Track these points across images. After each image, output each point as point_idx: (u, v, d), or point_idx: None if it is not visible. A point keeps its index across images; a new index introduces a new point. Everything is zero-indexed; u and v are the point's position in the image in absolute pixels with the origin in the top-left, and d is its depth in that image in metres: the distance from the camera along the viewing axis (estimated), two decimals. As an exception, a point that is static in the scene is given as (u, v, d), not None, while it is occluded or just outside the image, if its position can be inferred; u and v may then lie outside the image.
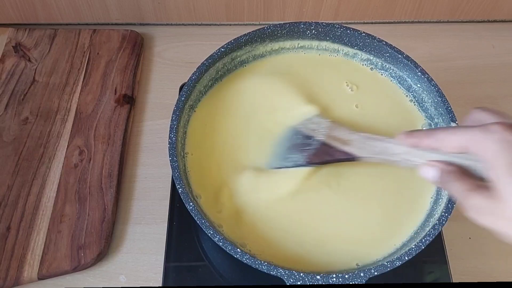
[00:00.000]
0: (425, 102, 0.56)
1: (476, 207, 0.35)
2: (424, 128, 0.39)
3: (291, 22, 0.58)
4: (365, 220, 0.50)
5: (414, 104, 0.57)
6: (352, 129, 0.49)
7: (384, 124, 0.56)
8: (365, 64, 0.60)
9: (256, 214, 0.50)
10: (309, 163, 0.49)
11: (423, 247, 0.44)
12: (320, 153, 0.49)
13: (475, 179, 0.36)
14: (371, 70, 0.60)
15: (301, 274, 0.43)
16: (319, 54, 0.61)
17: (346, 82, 0.59)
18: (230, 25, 0.79)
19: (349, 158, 0.47)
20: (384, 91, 0.59)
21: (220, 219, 0.50)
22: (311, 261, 0.48)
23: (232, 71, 0.59)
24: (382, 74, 0.59)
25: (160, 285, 0.55)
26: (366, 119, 0.56)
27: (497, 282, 0.33)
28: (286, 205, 0.51)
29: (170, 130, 0.50)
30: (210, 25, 0.79)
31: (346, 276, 0.43)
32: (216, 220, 0.49)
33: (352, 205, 0.51)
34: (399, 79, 0.58)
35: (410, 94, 0.58)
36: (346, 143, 0.48)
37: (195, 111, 0.56)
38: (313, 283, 0.43)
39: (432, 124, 0.55)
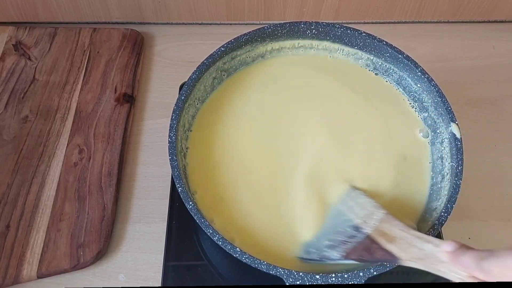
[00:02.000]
0: (425, 102, 0.56)
1: None
2: (474, 249, 0.34)
3: (292, 22, 0.58)
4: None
5: (414, 108, 0.58)
6: (405, 225, 0.43)
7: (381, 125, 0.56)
8: (365, 66, 0.60)
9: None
10: (344, 258, 0.43)
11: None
12: (360, 248, 0.43)
13: None
14: (371, 73, 0.60)
15: (300, 274, 0.43)
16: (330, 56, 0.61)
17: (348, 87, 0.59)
18: (231, 24, 0.79)
19: (389, 260, 0.41)
20: (384, 95, 0.59)
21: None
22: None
23: (234, 72, 0.59)
24: (384, 79, 0.60)
25: (160, 284, 0.55)
26: (363, 121, 0.56)
27: (497, 282, 0.32)
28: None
29: (170, 129, 0.50)
30: (210, 24, 0.79)
31: (346, 275, 0.43)
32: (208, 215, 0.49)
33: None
34: (399, 79, 0.58)
35: (409, 95, 0.58)
36: (392, 240, 0.41)
37: (196, 110, 0.56)
38: (312, 283, 0.43)
39: (430, 122, 0.55)
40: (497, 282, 0.30)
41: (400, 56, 0.56)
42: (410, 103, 0.58)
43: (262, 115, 0.57)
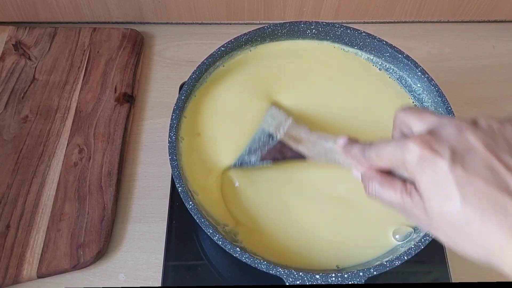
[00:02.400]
0: (425, 102, 0.56)
1: (412, 215, 0.34)
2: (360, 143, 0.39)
3: (292, 22, 0.58)
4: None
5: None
6: (308, 128, 0.50)
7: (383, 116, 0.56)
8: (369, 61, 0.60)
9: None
10: (261, 160, 0.50)
11: (422, 247, 0.44)
12: (274, 151, 0.50)
13: (397, 179, 0.35)
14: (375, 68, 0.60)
15: (300, 274, 0.43)
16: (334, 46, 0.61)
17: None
18: (231, 24, 0.79)
19: (298, 158, 0.48)
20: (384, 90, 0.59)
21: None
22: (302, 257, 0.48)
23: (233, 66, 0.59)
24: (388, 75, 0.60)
25: (160, 284, 0.55)
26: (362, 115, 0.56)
27: (496, 282, 0.33)
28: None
29: (170, 129, 0.50)
30: (210, 24, 0.79)
31: (346, 275, 0.43)
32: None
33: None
34: (399, 79, 0.58)
35: (409, 94, 0.58)
36: (300, 141, 0.49)
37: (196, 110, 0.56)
38: (312, 283, 0.43)
39: None
40: (496, 282, 0.31)
41: (400, 55, 0.56)
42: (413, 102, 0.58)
43: (263, 110, 0.57)
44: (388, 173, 0.36)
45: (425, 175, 0.31)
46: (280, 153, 0.49)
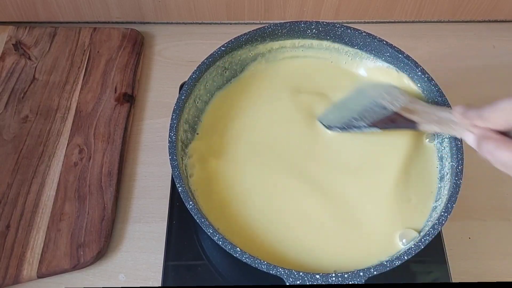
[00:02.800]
0: (425, 102, 0.56)
1: None
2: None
3: (292, 21, 0.58)
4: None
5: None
6: (426, 104, 0.53)
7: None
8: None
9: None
10: (370, 126, 0.51)
11: (422, 247, 0.44)
12: (386, 120, 0.51)
13: None
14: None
15: (301, 274, 0.43)
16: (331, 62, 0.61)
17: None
18: (231, 24, 0.79)
19: (411, 126, 0.50)
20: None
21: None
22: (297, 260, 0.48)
23: (239, 73, 0.60)
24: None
25: (160, 284, 0.55)
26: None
27: (496, 282, 0.33)
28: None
29: (170, 129, 0.50)
30: (210, 24, 0.79)
31: (346, 275, 0.43)
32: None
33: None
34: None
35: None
36: (413, 112, 0.50)
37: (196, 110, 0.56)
38: (312, 283, 0.43)
39: None
40: (496, 282, 0.31)
41: (400, 55, 0.56)
42: None
43: (269, 116, 0.57)
44: (499, 133, 0.39)
45: None
46: (392, 121, 0.51)
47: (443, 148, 0.53)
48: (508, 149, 0.37)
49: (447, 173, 0.51)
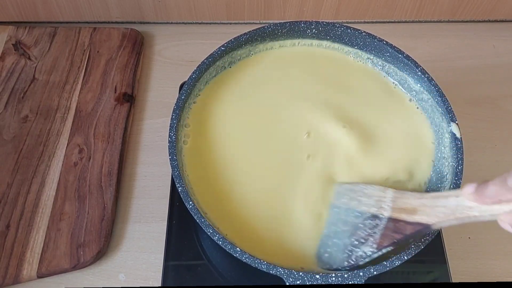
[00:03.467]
0: (425, 101, 0.56)
1: None
2: (488, 181, 0.34)
3: (292, 21, 0.58)
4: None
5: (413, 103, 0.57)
6: (417, 193, 0.43)
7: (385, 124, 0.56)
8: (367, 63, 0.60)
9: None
10: (379, 249, 0.43)
11: (422, 247, 0.44)
12: (388, 232, 0.42)
13: None
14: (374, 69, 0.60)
15: (301, 274, 0.43)
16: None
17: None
18: (231, 24, 0.79)
19: (422, 230, 0.41)
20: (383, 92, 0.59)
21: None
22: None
23: (230, 66, 0.59)
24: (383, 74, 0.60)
25: (160, 284, 0.55)
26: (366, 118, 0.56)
27: (496, 282, 0.33)
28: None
29: (170, 129, 0.50)
30: (210, 23, 0.79)
31: (346, 275, 0.43)
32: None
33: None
34: (399, 79, 0.58)
35: (409, 94, 0.58)
36: (414, 211, 0.41)
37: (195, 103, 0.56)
38: (312, 283, 0.43)
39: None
40: (496, 282, 0.30)
41: (400, 55, 0.56)
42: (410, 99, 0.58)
43: (262, 110, 0.57)
44: None
45: None
46: (396, 232, 0.41)
47: (443, 148, 0.53)
48: None
49: (447, 173, 0.51)
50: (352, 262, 0.44)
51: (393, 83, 0.59)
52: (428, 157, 0.54)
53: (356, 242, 0.44)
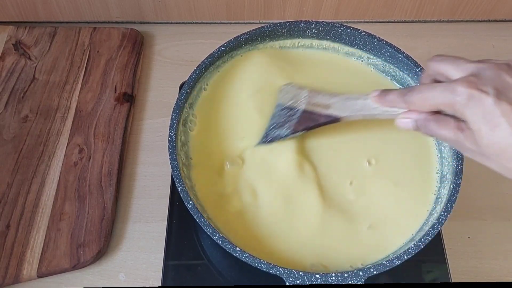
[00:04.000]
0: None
1: (463, 148, 0.39)
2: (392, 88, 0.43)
3: (292, 21, 0.58)
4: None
5: None
6: (330, 93, 0.51)
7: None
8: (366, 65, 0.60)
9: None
10: (293, 132, 0.51)
11: (422, 247, 0.44)
12: (303, 121, 0.50)
13: (451, 118, 0.38)
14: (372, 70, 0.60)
15: (300, 273, 0.43)
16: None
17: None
18: (230, 23, 0.79)
19: (332, 120, 0.49)
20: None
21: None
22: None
23: (231, 59, 0.59)
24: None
25: (160, 283, 0.55)
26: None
27: (496, 282, 0.33)
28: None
29: (170, 129, 0.50)
30: (210, 23, 0.79)
31: (345, 275, 0.43)
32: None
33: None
34: (399, 79, 0.58)
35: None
36: (328, 106, 0.49)
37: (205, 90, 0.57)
38: (312, 283, 0.43)
39: None
40: (496, 282, 0.31)
41: (400, 55, 0.56)
42: None
43: (262, 108, 0.57)
44: (436, 112, 0.39)
45: (475, 111, 0.35)
46: (311, 120, 0.50)
47: (443, 147, 0.53)
48: (446, 126, 0.38)
49: (447, 173, 0.51)
50: (269, 139, 0.52)
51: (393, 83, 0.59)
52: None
53: (275, 125, 0.52)
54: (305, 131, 0.51)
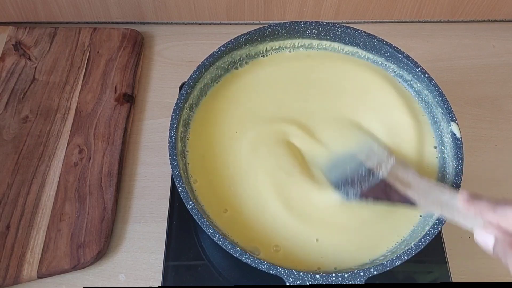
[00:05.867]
0: (425, 101, 0.56)
1: None
2: (486, 199, 0.37)
3: (292, 22, 0.58)
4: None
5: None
6: (415, 172, 0.47)
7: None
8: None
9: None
10: (361, 197, 0.47)
11: (422, 247, 0.44)
12: (377, 190, 0.47)
13: None
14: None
15: (301, 274, 0.43)
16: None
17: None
18: (231, 24, 0.79)
19: (407, 203, 0.45)
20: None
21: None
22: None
23: (231, 68, 0.59)
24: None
25: (160, 284, 0.55)
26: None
27: (496, 282, 0.33)
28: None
29: (170, 129, 0.50)
30: (210, 24, 0.79)
31: (346, 275, 0.43)
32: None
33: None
34: (399, 78, 0.59)
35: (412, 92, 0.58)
36: (408, 186, 0.45)
37: (196, 110, 0.56)
38: (313, 283, 0.43)
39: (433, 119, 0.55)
40: (496, 282, 0.31)
41: (400, 55, 0.56)
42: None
43: (262, 112, 0.57)
44: None
45: None
46: (384, 193, 0.46)
47: (443, 148, 0.53)
48: None
49: (447, 173, 0.51)
50: (341, 190, 0.49)
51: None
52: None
53: (349, 181, 0.49)
54: (371, 201, 0.47)
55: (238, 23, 0.78)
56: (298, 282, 0.43)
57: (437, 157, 0.54)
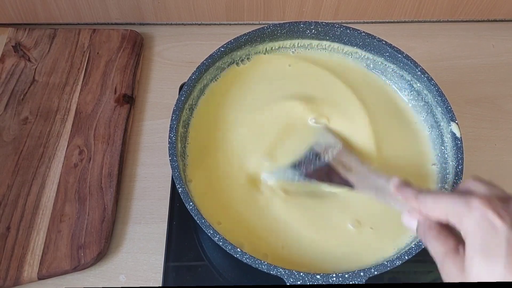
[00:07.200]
0: (424, 101, 0.56)
1: (446, 271, 0.35)
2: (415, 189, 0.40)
3: (291, 22, 0.58)
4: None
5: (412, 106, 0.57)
6: (358, 159, 0.50)
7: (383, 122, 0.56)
8: (365, 66, 0.60)
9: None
10: (305, 177, 0.50)
11: (423, 246, 0.44)
12: (320, 172, 0.50)
13: (453, 238, 0.36)
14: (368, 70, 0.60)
15: (301, 274, 0.43)
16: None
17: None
18: (230, 24, 0.79)
19: (346, 185, 0.48)
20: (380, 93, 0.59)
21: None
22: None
23: (229, 66, 0.60)
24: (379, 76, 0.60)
25: (160, 284, 0.55)
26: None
27: (496, 282, 0.33)
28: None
29: (170, 130, 0.50)
30: (210, 24, 0.79)
31: (346, 275, 0.43)
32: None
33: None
34: (399, 79, 0.58)
35: (410, 93, 0.58)
36: (349, 170, 0.48)
37: (195, 109, 0.56)
38: (313, 283, 0.43)
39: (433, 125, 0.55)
40: (496, 282, 0.31)
41: (399, 55, 0.56)
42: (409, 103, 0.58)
43: (260, 110, 0.57)
44: (443, 225, 0.37)
45: (481, 235, 0.32)
46: (327, 176, 0.49)
47: (443, 148, 0.53)
48: (443, 244, 0.36)
49: (447, 173, 0.51)
50: (279, 175, 0.52)
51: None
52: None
53: (297, 164, 0.51)
54: (315, 182, 0.50)
55: (238, 24, 0.79)
56: (299, 282, 0.43)
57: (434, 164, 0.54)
